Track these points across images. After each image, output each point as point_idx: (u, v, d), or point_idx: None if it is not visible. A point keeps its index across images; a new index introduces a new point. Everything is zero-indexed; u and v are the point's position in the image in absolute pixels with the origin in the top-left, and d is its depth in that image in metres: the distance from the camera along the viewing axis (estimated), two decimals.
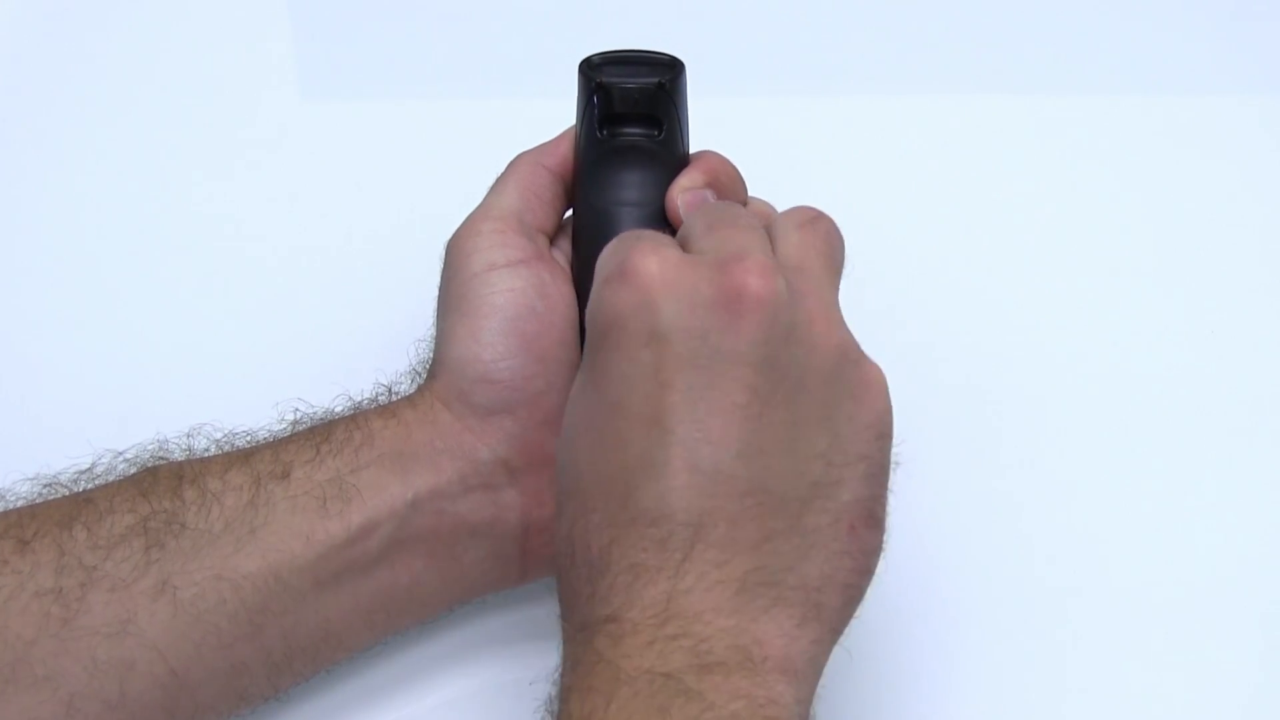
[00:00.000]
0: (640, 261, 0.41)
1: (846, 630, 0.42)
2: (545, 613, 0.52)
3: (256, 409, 0.52)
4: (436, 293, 0.51)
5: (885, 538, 0.42)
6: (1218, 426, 0.59)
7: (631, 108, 0.50)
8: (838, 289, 0.43)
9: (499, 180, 0.52)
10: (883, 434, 0.42)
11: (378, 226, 0.65)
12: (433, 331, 0.51)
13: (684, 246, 0.43)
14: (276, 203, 0.66)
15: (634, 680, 0.37)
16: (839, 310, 0.42)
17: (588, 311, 0.42)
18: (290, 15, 0.74)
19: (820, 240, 0.44)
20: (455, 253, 0.51)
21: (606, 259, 0.43)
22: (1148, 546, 0.56)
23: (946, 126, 0.68)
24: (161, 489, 0.47)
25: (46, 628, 0.44)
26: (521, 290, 0.49)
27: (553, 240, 0.52)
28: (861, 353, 0.42)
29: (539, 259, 0.50)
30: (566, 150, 0.52)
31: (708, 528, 0.39)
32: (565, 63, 0.52)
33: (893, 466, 0.42)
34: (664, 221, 0.50)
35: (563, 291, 0.50)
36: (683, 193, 0.50)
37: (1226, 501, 0.57)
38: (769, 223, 0.45)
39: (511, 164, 0.53)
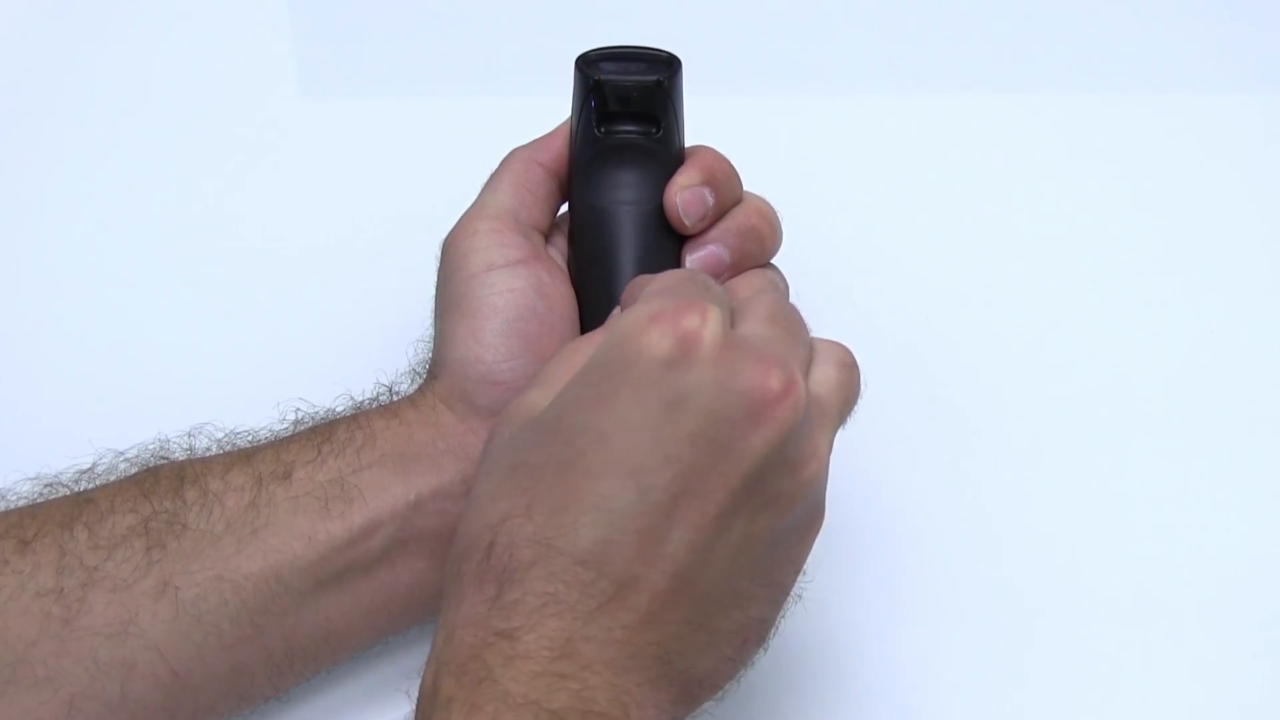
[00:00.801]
0: (699, 324, 0.40)
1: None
2: None
3: (258, 408, 0.52)
4: (434, 292, 0.51)
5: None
6: (1218, 427, 0.59)
7: (629, 105, 0.50)
8: (836, 433, 0.43)
9: (493, 177, 0.52)
10: (801, 570, 0.43)
11: (378, 225, 0.64)
12: (431, 331, 0.51)
13: (735, 315, 0.43)
14: (276, 201, 0.66)
15: (520, 709, 0.37)
16: (830, 452, 0.42)
17: (617, 327, 0.41)
18: (290, 13, 0.74)
19: (849, 387, 0.43)
20: (452, 252, 0.50)
21: (663, 293, 0.42)
22: (1153, 549, 0.56)
23: (944, 125, 0.68)
24: (163, 489, 0.47)
25: (47, 628, 0.44)
26: (521, 290, 0.49)
27: (547, 237, 0.52)
28: (824, 496, 0.42)
29: (536, 258, 0.50)
30: (561, 146, 0.52)
31: (631, 591, 0.39)
32: (564, 61, 0.51)
33: (795, 598, 0.43)
34: (661, 219, 0.50)
35: (561, 291, 0.50)
36: (681, 191, 0.50)
37: (1230, 502, 0.57)
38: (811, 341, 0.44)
39: (505, 160, 0.52)
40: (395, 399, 0.51)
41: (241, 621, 0.46)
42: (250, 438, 0.50)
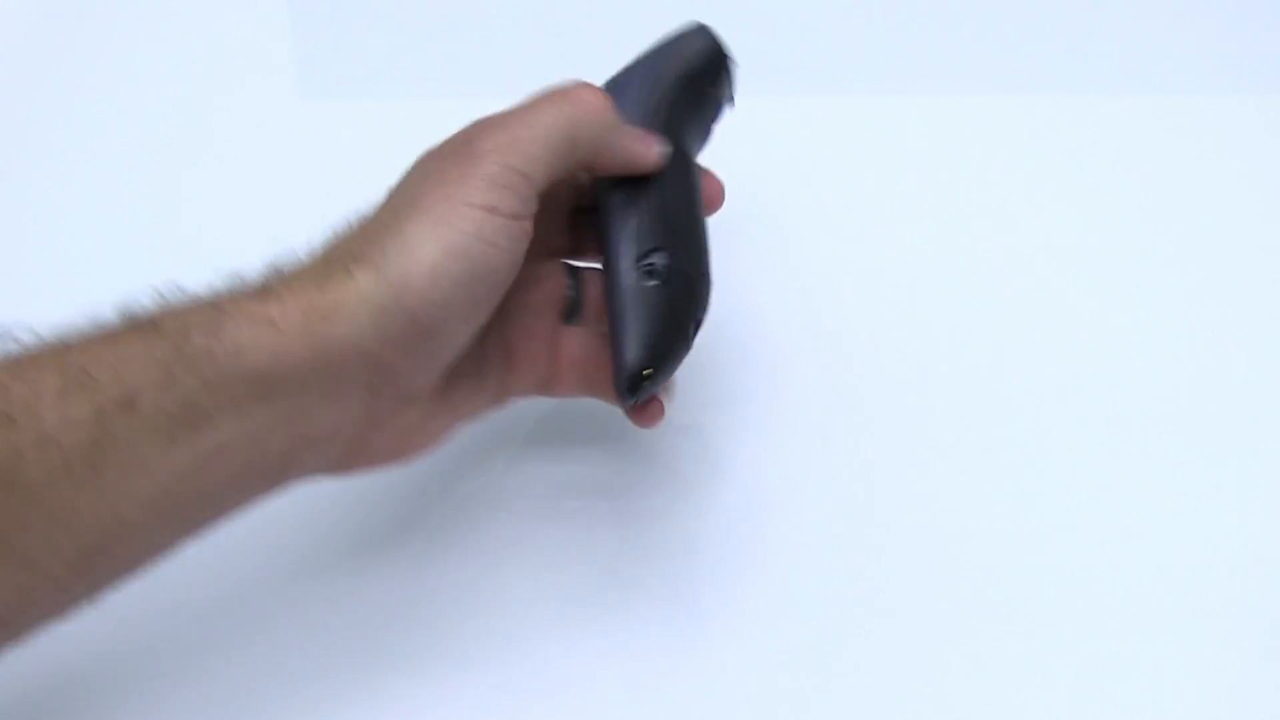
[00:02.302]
0: None
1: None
2: (542, 615, 0.51)
3: None
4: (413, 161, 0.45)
5: None
6: (1218, 425, 0.57)
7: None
8: None
9: (541, 100, 0.46)
10: None
11: None
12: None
13: None
14: (273, 204, 0.62)
15: None
16: None
17: None
18: (289, 13, 0.72)
19: None
20: (464, 146, 0.44)
21: None
22: (1158, 551, 0.54)
23: (942, 125, 0.66)
24: None
25: None
26: (506, 250, 0.44)
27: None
28: None
29: (529, 219, 0.44)
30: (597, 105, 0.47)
31: None
32: (566, 60, 0.51)
33: None
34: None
35: (513, 277, 0.45)
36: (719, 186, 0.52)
37: (1238, 502, 0.55)
38: None
39: (559, 92, 0.47)
40: (278, 278, 0.43)
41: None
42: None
